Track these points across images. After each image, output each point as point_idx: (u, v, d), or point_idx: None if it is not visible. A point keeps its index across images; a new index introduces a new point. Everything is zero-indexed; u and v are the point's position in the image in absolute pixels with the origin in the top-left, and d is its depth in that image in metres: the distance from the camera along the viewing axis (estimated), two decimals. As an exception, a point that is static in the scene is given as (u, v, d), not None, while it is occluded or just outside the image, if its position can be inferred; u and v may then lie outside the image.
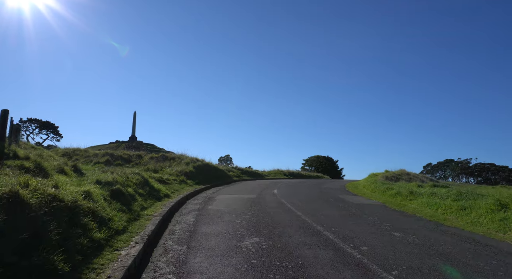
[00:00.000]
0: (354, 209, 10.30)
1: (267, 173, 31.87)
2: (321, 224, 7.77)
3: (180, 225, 7.71)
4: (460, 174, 79.20)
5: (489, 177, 73.87)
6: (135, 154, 21.61)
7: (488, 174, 75.52)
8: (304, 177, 36.48)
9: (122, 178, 9.95)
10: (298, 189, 16.91)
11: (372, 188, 15.71)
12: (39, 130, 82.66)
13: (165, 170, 17.75)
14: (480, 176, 76.63)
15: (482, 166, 76.63)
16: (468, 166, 78.38)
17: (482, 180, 72.06)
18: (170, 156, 21.65)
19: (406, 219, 8.80)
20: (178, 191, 13.35)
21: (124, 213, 7.35)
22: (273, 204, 11.01)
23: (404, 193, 12.52)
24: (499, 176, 75.00)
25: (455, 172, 78.81)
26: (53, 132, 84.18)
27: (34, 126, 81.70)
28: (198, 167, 20.19)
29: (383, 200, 12.20)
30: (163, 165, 19.19)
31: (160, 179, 14.55)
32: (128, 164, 19.80)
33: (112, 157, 20.14)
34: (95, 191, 7.41)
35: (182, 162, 20.42)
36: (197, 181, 17.49)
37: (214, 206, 10.51)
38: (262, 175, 29.45)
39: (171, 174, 16.95)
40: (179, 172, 17.54)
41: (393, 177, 23.66)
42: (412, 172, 31.86)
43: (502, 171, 74.14)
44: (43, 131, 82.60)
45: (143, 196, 9.89)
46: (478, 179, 74.92)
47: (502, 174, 73.83)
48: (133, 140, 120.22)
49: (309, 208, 10.21)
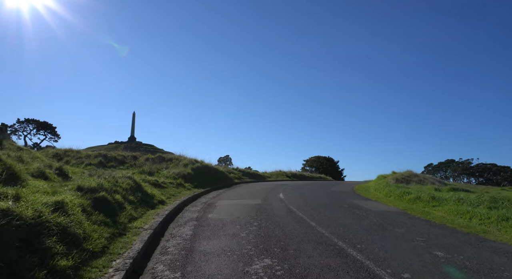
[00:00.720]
0: (375, 217, 9.06)
1: (269, 175, 30.65)
2: (342, 239, 6.54)
3: (175, 240, 6.46)
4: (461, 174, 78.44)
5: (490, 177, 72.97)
6: (130, 155, 20.36)
7: (489, 175, 74.75)
8: (307, 178, 35.25)
9: (109, 183, 8.70)
10: (304, 192, 15.68)
11: (386, 191, 14.48)
12: (37, 131, 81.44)
13: (161, 172, 16.51)
14: (482, 176, 75.68)
15: (483, 166, 75.97)
16: (470, 166, 77.72)
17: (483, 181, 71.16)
18: (168, 157, 20.41)
19: (438, 231, 7.56)
20: (174, 196, 12.10)
21: (107, 226, 6.11)
22: (281, 212, 9.78)
23: (424, 198, 11.30)
24: (501, 177, 74.08)
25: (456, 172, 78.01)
26: (50, 133, 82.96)
27: (32, 127, 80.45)
28: (197, 168, 18.95)
29: (403, 206, 10.97)
30: (160, 167, 17.94)
31: (155, 183, 13.30)
32: (122, 165, 18.56)
33: (105, 158, 18.88)
34: (73, 200, 6.17)
35: (180, 163, 19.17)
36: (196, 184, 16.25)
37: (215, 214, 9.27)
38: (264, 177, 28.21)
39: (168, 177, 15.71)
40: (177, 174, 16.30)
41: (402, 178, 22.45)
42: (420, 173, 30.69)
43: (504, 171, 73.45)
44: (41, 132, 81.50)
45: (134, 203, 8.64)
46: (480, 179, 73.96)
47: (504, 175, 72.98)
48: (132, 140, 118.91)
49: (323, 217, 8.97)
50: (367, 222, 8.31)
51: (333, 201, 12.37)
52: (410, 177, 24.02)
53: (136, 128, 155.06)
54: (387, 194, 14.05)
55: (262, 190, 16.89)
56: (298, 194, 14.66)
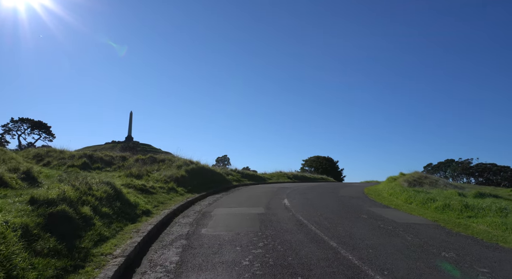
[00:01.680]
0: (405, 232, 7.40)
1: (269, 176, 28.93)
2: (378, 269, 4.87)
3: (154, 273, 4.77)
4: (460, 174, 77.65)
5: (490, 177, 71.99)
6: (118, 156, 18.60)
7: (489, 174, 73.87)
8: (309, 179, 33.60)
9: (77, 191, 6.98)
10: (311, 197, 14.01)
11: (405, 197, 12.82)
12: (31, 130, 79.48)
13: (151, 175, 14.79)
14: (481, 176, 74.73)
15: (483, 166, 75.33)
16: (469, 166, 77.05)
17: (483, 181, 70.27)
18: (160, 157, 18.69)
19: (497, 255, 5.91)
20: (163, 204, 10.39)
21: (58, 257, 4.41)
22: (290, 225, 8.09)
23: (456, 207, 9.66)
24: (501, 177, 73.10)
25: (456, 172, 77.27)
26: (45, 133, 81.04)
27: (26, 126, 78.54)
28: (192, 170, 17.23)
29: (432, 217, 9.32)
30: (150, 169, 16.23)
31: (143, 188, 11.58)
32: (109, 167, 16.84)
33: (90, 159, 17.12)
34: (12, 220, 4.47)
35: (173, 165, 17.45)
36: (189, 188, 14.54)
37: (210, 229, 7.57)
38: (264, 179, 26.51)
39: (158, 180, 13.99)
40: (168, 177, 14.58)
41: (414, 181, 20.85)
42: (429, 174, 29.13)
43: (504, 171, 72.94)
44: (35, 132, 79.54)
45: (108, 217, 6.92)
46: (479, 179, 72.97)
47: (504, 174, 72.05)
48: (129, 140, 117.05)
49: (343, 232, 7.30)
50: (399, 241, 6.65)
51: (348, 209, 10.70)
52: (421, 179, 22.44)
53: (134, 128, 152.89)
54: (407, 200, 12.40)
55: (264, 194, 15.21)
56: (304, 200, 12.99)
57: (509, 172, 73.14)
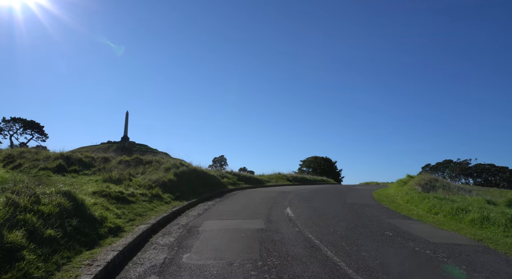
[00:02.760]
0: (454, 261, 5.59)
1: (267, 178, 27.10)
2: None
3: None
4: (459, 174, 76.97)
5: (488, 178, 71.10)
6: (100, 157, 16.65)
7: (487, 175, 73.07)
8: (309, 181, 31.83)
9: (9, 209, 5.09)
10: (317, 205, 12.21)
11: (426, 205, 11.03)
12: (24, 130, 77.20)
13: (134, 179, 12.89)
14: (480, 177, 73.82)
15: (482, 167, 74.87)
16: (468, 166, 76.54)
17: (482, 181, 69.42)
18: (146, 159, 16.77)
19: None
20: (142, 217, 8.51)
21: None
22: (299, 248, 6.25)
23: (499, 221, 7.88)
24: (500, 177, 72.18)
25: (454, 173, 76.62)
26: (38, 132, 78.92)
27: (18, 126, 76.25)
28: (182, 173, 15.37)
29: (472, 234, 7.52)
30: (134, 172, 14.33)
31: (119, 196, 9.70)
32: (88, 170, 14.92)
33: (67, 161, 15.15)
34: None
35: (160, 167, 15.56)
36: (178, 194, 12.67)
37: (194, 255, 5.73)
38: (262, 181, 24.66)
39: (141, 185, 12.10)
40: (154, 182, 12.71)
41: (426, 184, 19.10)
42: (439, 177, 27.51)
43: (502, 172, 72.78)
44: (28, 131, 77.27)
45: (52, 243, 5.04)
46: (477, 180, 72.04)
47: (502, 175, 71.20)
48: (125, 140, 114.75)
49: (370, 261, 5.47)
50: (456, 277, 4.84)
51: (364, 222, 8.89)
52: (432, 182, 20.72)
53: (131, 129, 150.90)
54: (429, 209, 10.60)
55: (263, 201, 13.38)
56: (310, 209, 11.18)
57: (507, 172, 72.54)
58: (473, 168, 75.59)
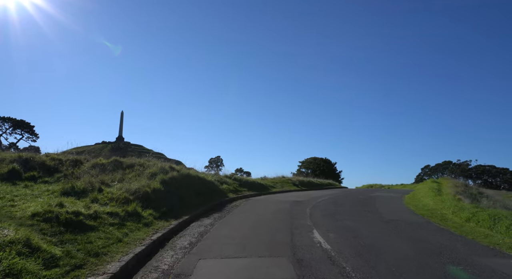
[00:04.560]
0: None
1: (271, 183, 23.88)
2: None
3: None
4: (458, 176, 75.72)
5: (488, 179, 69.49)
6: (70, 160, 13.34)
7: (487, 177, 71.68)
8: (317, 186, 28.73)
9: None
10: (351, 224, 9.11)
11: (503, 226, 7.96)
12: (13, 130, 73.76)
13: (106, 190, 9.67)
14: (480, 178, 72.07)
15: (482, 168, 73.72)
16: (468, 168, 75.30)
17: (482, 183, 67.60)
18: (128, 162, 13.52)
19: None
20: (97, 259, 5.30)
21: None
22: None
23: None
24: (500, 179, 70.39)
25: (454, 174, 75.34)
26: (28, 132, 75.43)
27: (8, 125, 72.80)
28: (172, 180, 12.20)
29: None
30: (110, 179, 11.14)
31: (72, 219, 6.49)
32: (51, 176, 11.67)
33: (25, 165, 11.81)
34: None
35: (144, 173, 12.36)
36: (164, 210, 9.50)
37: None
38: (267, 187, 21.47)
39: (114, 199, 8.89)
40: (132, 193, 9.51)
41: (463, 191, 16.09)
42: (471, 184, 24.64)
43: (503, 173, 71.62)
44: (17, 131, 73.85)
45: None
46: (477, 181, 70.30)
47: (503, 177, 69.64)
48: (120, 140, 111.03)
49: None
50: None
51: (440, 261, 5.81)
52: (468, 189, 17.73)
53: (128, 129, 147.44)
54: None
55: (276, 216, 10.25)
56: (346, 233, 8.06)
57: (508, 174, 70.83)
58: (473, 169, 74.50)
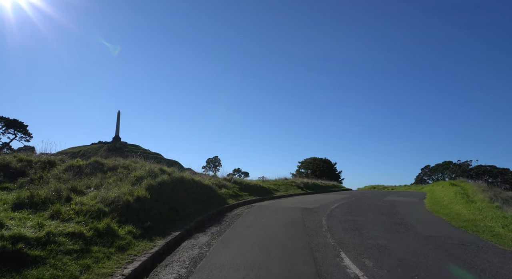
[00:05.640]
0: None
1: (274, 185, 21.87)
2: None
3: None
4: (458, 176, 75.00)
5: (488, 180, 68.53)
6: (41, 161, 11.23)
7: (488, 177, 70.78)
8: (322, 188, 26.78)
9: None
10: (387, 244, 7.16)
11: None
12: (6, 129, 71.82)
13: (75, 200, 7.63)
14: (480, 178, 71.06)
15: (483, 169, 72.91)
16: (469, 168, 74.47)
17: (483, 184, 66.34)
18: (110, 164, 11.44)
19: None
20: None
21: None
22: None
23: None
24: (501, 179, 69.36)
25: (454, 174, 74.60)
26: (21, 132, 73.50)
27: (0, 125, 70.87)
28: (162, 185, 10.19)
29: None
30: (84, 184, 9.12)
31: (5, 247, 4.49)
32: (13, 181, 9.59)
33: (-17, 167, 9.83)
34: None
35: (129, 176, 10.35)
36: (148, 225, 7.49)
37: None
38: (270, 191, 19.47)
39: (82, 212, 6.86)
40: (109, 204, 7.50)
41: (495, 196, 14.17)
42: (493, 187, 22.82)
43: (504, 173, 70.59)
44: (10, 131, 71.96)
45: None
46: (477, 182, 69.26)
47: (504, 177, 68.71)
48: (117, 140, 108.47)
49: None
50: None
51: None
52: (496, 193, 15.83)
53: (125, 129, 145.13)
54: None
55: (288, 230, 8.28)
56: (386, 256, 6.11)
57: (509, 174, 69.76)
58: (474, 170, 73.75)
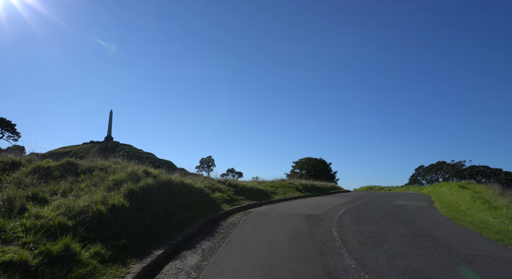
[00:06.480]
0: None
1: (270, 187, 20.42)
2: None
3: None
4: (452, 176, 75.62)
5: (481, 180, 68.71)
6: (5, 161, 9.63)
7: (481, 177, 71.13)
8: (321, 190, 25.46)
9: None
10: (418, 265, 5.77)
11: None
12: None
13: (31, 211, 6.09)
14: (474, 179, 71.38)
15: (477, 169, 73.60)
16: (462, 168, 75.18)
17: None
18: (85, 165, 9.82)
19: None
20: None
21: None
22: None
23: None
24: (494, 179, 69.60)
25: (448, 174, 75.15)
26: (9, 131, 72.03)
27: (-13, 124, 69.18)
28: (145, 190, 8.67)
29: None
30: (51, 190, 7.59)
31: None
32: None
33: None
34: None
35: (107, 179, 8.81)
36: (123, 242, 5.99)
37: None
38: (268, 193, 18.02)
39: (36, 228, 5.35)
40: (75, 215, 6.00)
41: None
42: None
43: (497, 173, 70.97)
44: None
45: None
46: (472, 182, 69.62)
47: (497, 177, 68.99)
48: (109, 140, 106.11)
49: None
50: None
51: None
52: None
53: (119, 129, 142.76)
54: None
55: (295, 247, 6.85)
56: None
57: (502, 174, 70.14)
58: (467, 170, 74.31)
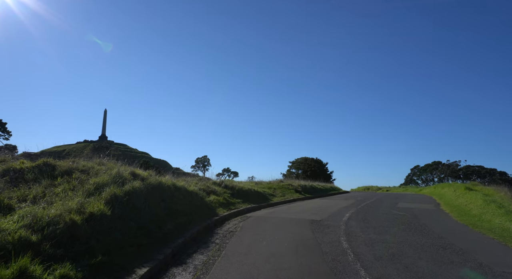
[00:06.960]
0: None
1: (268, 188, 19.48)
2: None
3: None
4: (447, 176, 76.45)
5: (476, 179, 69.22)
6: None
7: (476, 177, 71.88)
8: (321, 191, 24.63)
9: None
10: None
11: None
12: (-18, 128, 69.79)
13: (-11, 221, 5.08)
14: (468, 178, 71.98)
15: (472, 169, 74.40)
16: (458, 168, 75.92)
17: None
18: (64, 166, 8.72)
19: None
20: None
21: None
22: None
23: None
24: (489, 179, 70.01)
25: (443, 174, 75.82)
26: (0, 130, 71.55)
27: (-23, 123, 68.83)
28: (131, 195, 7.68)
29: None
30: (19, 195, 6.59)
31: None
32: None
33: None
34: None
35: (87, 183, 7.81)
36: (99, 259, 5.02)
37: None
38: (266, 196, 17.08)
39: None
40: (43, 226, 5.02)
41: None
42: None
43: (492, 173, 71.42)
44: (-13, 129, 69.81)
45: None
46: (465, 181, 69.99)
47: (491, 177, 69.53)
48: (103, 139, 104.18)
49: None
50: None
51: None
52: None
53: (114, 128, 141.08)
54: None
55: (301, 262, 5.93)
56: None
57: (497, 174, 70.82)
58: (463, 170, 75.01)
